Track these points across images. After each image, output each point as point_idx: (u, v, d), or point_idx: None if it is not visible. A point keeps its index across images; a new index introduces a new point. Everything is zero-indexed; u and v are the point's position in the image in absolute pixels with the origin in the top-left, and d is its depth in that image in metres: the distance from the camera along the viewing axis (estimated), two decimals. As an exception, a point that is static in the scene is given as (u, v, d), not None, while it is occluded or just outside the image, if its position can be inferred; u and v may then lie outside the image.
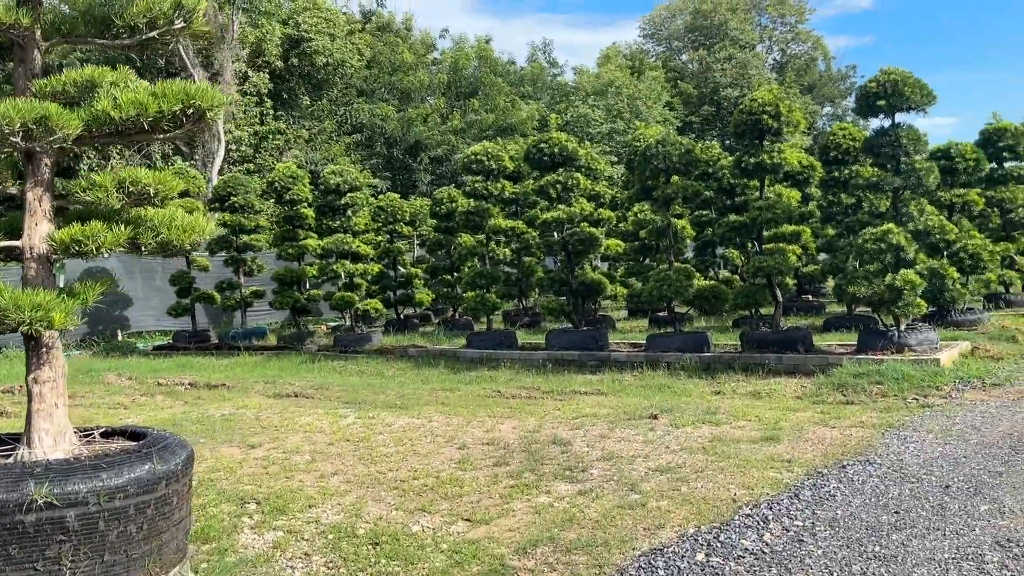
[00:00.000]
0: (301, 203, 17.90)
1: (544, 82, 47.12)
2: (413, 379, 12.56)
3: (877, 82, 10.68)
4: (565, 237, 13.72)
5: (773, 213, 11.49)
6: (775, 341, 11.59)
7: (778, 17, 56.16)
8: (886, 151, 10.70)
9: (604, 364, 12.71)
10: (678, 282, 12.38)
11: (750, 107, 11.72)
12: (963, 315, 12.89)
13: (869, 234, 10.54)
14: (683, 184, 12.27)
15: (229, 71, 26.15)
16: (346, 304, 16.84)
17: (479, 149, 14.82)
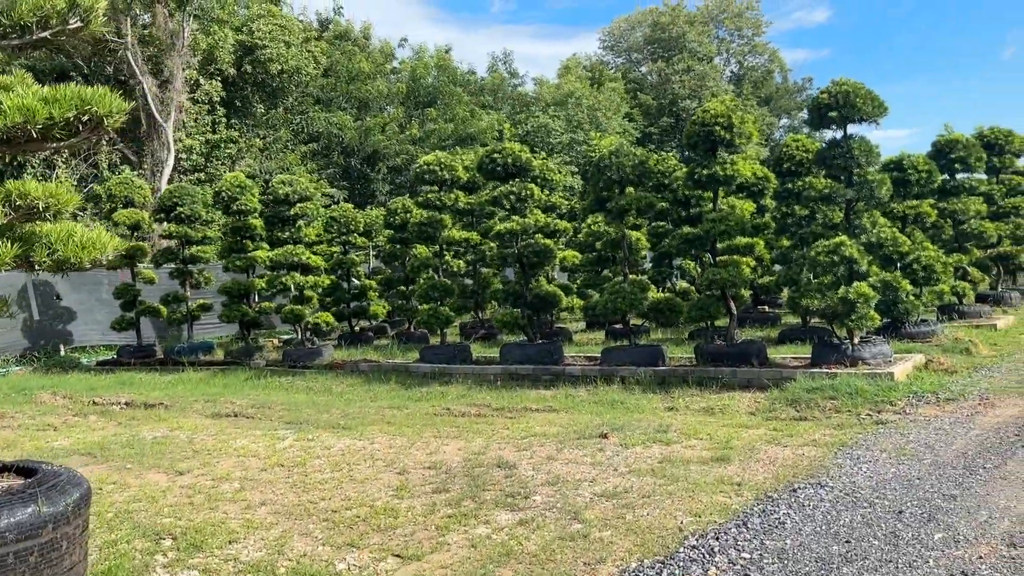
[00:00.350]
0: (250, 213, 17.43)
1: (505, 92, 46.93)
2: (362, 396, 12.17)
3: (829, 93, 10.59)
4: (519, 249, 13.44)
5: (726, 225, 11.33)
6: (729, 355, 11.41)
7: (735, 30, 56.74)
8: (838, 163, 10.60)
9: (558, 379, 12.45)
10: (632, 295, 12.17)
11: (702, 118, 11.57)
12: (917, 327, 12.85)
13: (822, 246, 10.42)
14: (637, 195, 12.07)
15: (180, 78, 25.51)
16: (296, 317, 16.38)
17: (432, 159, 14.50)
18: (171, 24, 25.49)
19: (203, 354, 18.35)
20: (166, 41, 25.66)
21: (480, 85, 46.69)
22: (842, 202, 10.84)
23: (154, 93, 25.28)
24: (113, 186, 19.41)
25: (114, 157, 25.31)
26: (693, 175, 11.70)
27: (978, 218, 15.75)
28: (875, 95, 10.56)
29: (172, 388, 13.91)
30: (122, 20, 24.61)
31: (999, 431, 7.31)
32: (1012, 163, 18.66)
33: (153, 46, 26.32)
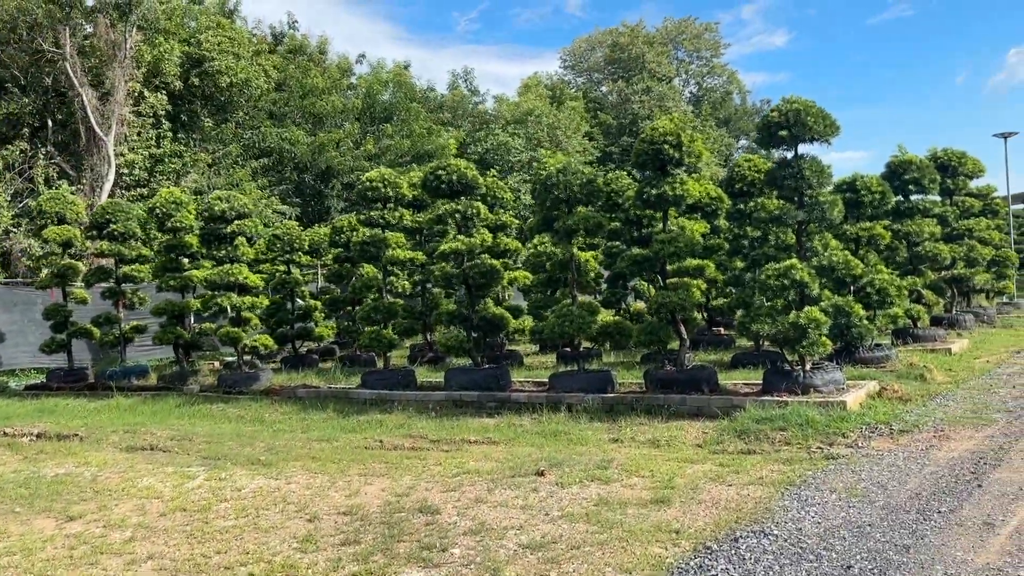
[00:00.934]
0: (185, 231, 16.66)
1: (465, 110, 46.58)
2: (293, 426, 11.49)
3: (779, 112, 10.24)
4: (465, 269, 12.90)
5: (675, 247, 10.91)
6: (679, 381, 10.96)
7: (694, 51, 57.11)
8: (789, 183, 10.24)
9: (504, 406, 11.89)
10: (580, 318, 11.67)
11: (651, 136, 11.16)
12: (871, 352, 12.53)
13: (772, 269, 10.03)
14: (584, 215, 11.61)
15: (122, 91, 24.62)
16: (232, 340, 15.63)
17: (375, 175, 13.92)
18: (113, 34, 24.64)
19: (137, 378, 17.48)
20: (108, 52, 24.81)
21: (440, 102, 46.27)
22: (793, 224, 10.48)
23: (94, 105, 24.38)
24: (44, 202, 18.53)
25: (51, 171, 24.31)
26: (642, 195, 11.28)
27: (932, 240, 15.57)
28: (827, 114, 10.24)
29: (94, 417, 13.10)
30: (60, 30, 23.72)
31: (954, 468, 6.90)
32: (965, 185, 18.62)
33: (95, 57, 25.44)
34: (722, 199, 15.49)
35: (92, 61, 25.59)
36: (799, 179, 10.19)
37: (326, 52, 40.42)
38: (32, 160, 24.34)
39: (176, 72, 27.33)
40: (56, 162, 24.82)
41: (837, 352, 12.60)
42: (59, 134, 25.63)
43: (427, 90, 45.97)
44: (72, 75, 23.91)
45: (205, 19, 29.07)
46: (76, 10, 23.71)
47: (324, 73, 37.62)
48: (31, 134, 25.12)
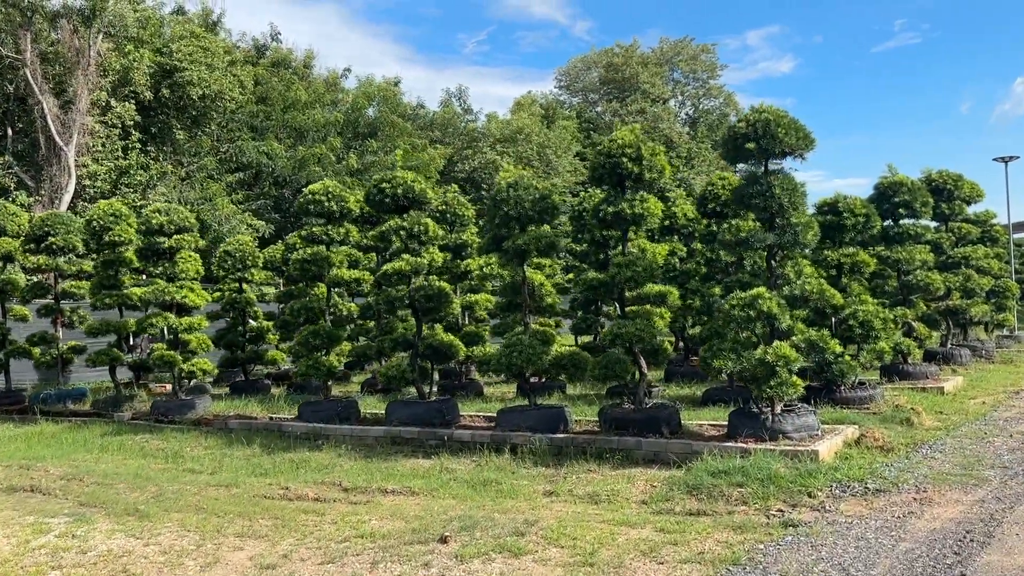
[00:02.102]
0: (124, 245, 15.53)
1: (456, 128, 45.66)
2: (206, 464, 10.33)
3: (747, 122, 9.13)
4: (411, 292, 11.77)
5: (633, 271, 9.77)
6: (636, 422, 9.79)
7: (690, 72, 56.27)
8: (756, 202, 9.10)
9: (444, 445, 10.73)
10: (531, 348, 10.51)
11: (608, 148, 10.05)
12: (853, 391, 11.34)
13: (736, 299, 8.88)
14: (536, 234, 10.47)
15: (84, 99, 23.61)
16: (166, 364, 14.47)
17: (318, 188, 12.81)
18: (77, 41, 23.67)
19: (74, 402, 16.33)
20: (72, 59, 23.83)
21: (430, 120, 45.36)
22: (761, 247, 9.33)
23: (55, 114, 23.37)
24: (-18, 212, 17.43)
25: (7, 181, 23.25)
26: (598, 213, 10.16)
27: (925, 268, 14.41)
28: (800, 125, 9.13)
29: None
30: (20, 35, 22.75)
31: (933, 546, 5.71)
32: (962, 210, 17.47)
33: (59, 64, 24.47)
34: (700, 220, 14.41)
35: (56, 68, 24.62)
36: (768, 198, 9.06)
37: (311, 66, 39.58)
38: (-12, 169, 23.29)
39: (146, 82, 26.37)
40: (14, 172, 23.76)
41: (816, 390, 11.44)
42: (19, 143, 24.60)
43: (417, 107, 45.11)
44: (32, 82, 22.93)
45: (179, 28, 28.10)
46: (38, 15, 22.73)
47: (309, 87, 36.73)
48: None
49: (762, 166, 9.33)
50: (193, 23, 32.45)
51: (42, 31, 23.90)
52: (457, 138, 43.67)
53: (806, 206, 9.58)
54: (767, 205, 9.12)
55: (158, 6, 30.50)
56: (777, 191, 9.02)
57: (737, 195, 9.45)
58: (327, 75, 41.34)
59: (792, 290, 9.17)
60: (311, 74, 39.27)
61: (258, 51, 36.43)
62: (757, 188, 9.15)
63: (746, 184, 9.38)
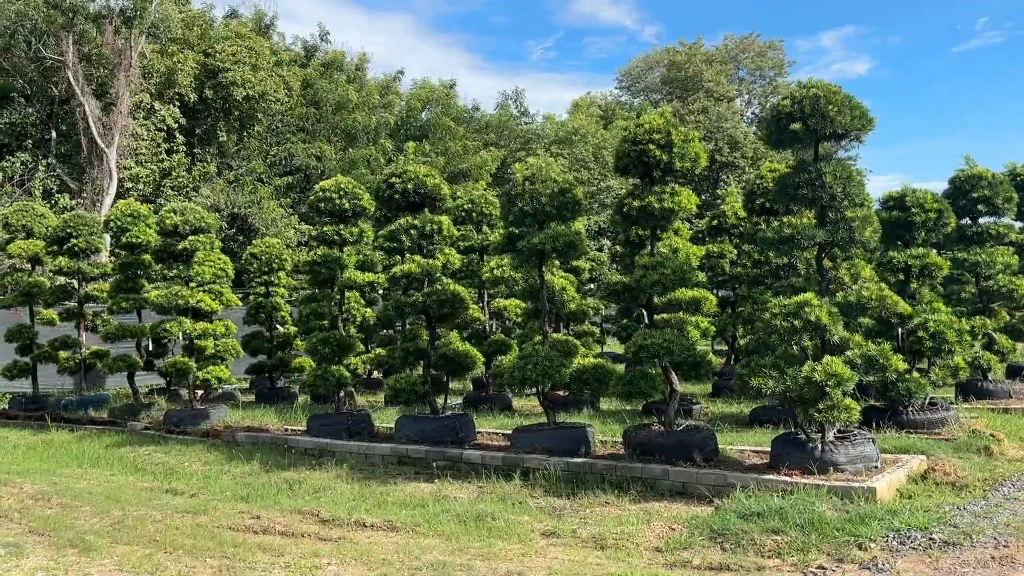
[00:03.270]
0: (142, 248, 14.93)
1: (512, 130, 44.72)
2: (194, 484, 9.50)
3: (792, 99, 7.80)
4: (422, 297, 10.74)
5: (660, 274, 8.53)
6: (664, 446, 8.54)
7: (756, 70, 54.14)
8: (804, 193, 7.77)
9: (452, 467, 9.67)
10: (548, 360, 9.36)
11: (634, 135, 8.84)
12: (923, 412, 9.83)
13: (779, 307, 7.57)
14: (554, 232, 9.31)
15: (126, 101, 23.38)
16: (180, 372, 13.77)
17: (330, 184, 11.90)
18: (119, 42, 23.46)
19: (95, 409, 15.83)
20: (114, 60, 23.63)
21: (486, 122, 44.53)
22: (810, 246, 7.98)
23: (96, 116, 23.17)
24: (10, 214, 17.14)
25: (50, 183, 23.14)
26: (622, 208, 8.96)
27: (1008, 272, 12.71)
28: (856, 102, 7.76)
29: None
30: (63, 36, 22.61)
31: (1020, 632, 4.37)
32: (1052, 208, 15.58)
33: (101, 66, 24.32)
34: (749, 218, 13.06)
35: (99, 71, 24.48)
36: (818, 188, 7.71)
37: (364, 69, 39.09)
38: (33, 172, 23.23)
39: (190, 84, 26.08)
40: (58, 174, 23.67)
41: (878, 411, 9.98)
42: (63, 145, 24.54)
43: (472, 109, 44.30)
44: (74, 83, 22.78)
45: (224, 29, 27.79)
46: (80, 16, 22.56)
47: (361, 89, 36.23)
48: (34, 145, 24.06)
49: (811, 151, 7.99)
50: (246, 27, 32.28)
51: (85, 32, 23.76)
52: (513, 140, 42.72)
53: (865, 198, 8.19)
54: (816, 196, 7.77)
55: (207, 8, 30.31)
56: (828, 179, 7.68)
57: (781, 186, 8.12)
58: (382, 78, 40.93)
59: (847, 296, 7.81)
60: (363, 76, 38.79)
61: (307, 53, 36.05)
62: (805, 176, 7.82)
63: (792, 172, 8.05)
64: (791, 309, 7.53)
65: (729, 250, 14.10)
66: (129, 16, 22.77)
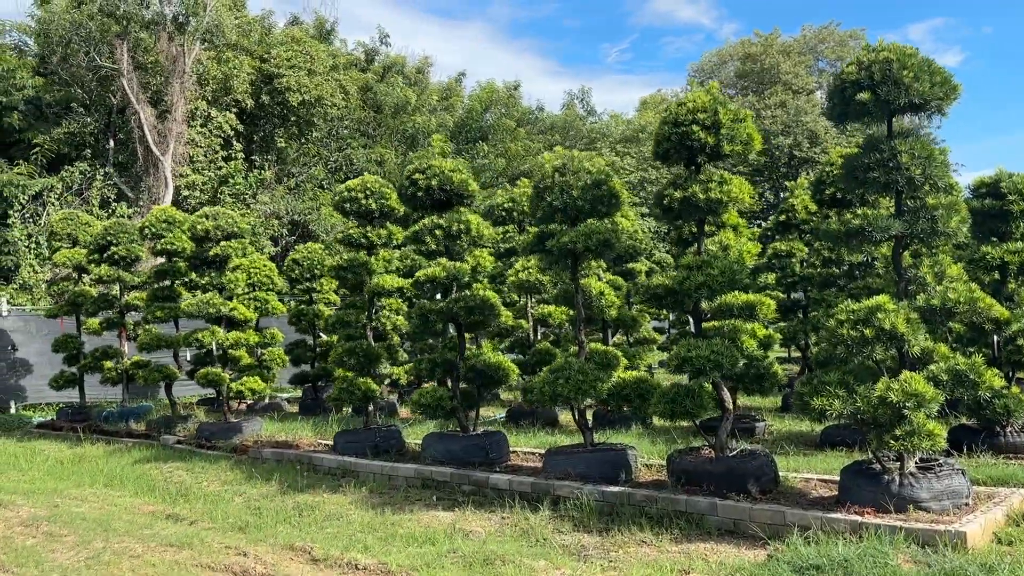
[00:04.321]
0: (177, 254, 14.45)
1: (577, 130, 43.67)
2: (200, 509, 8.80)
3: (859, 65, 6.56)
4: (448, 303, 9.81)
5: (707, 275, 7.37)
6: (713, 475, 7.38)
7: (837, 60, 51.52)
8: (875, 176, 6.50)
9: (478, 492, 8.72)
10: (582, 374, 8.30)
11: (676, 115, 7.70)
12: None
13: (845, 312, 6.34)
14: (587, 230, 8.22)
15: (180, 108, 23.27)
16: (212, 383, 13.19)
17: (356, 184, 11.09)
18: (173, 49, 23.36)
19: (136, 421, 15.44)
20: (168, 67, 23.55)
21: (550, 123, 43.58)
22: (883, 240, 6.70)
23: (151, 123, 23.10)
24: (55, 222, 16.99)
25: (107, 192, 23.17)
26: (662, 199, 7.83)
27: None
28: (937, 66, 6.47)
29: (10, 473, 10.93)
30: (117, 44, 22.61)
31: None
32: None
33: (157, 74, 24.29)
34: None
35: (155, 79, 24.45)
36: (891, 170, 6.45)
37: (425, 72, 38.59)
38: (91, 181, 23.31)
39: (246, 90, 25.88)
40: (115, 183, 23.71)
41: (970, 432, 8.58)
42: (120, 154, 24.61)
43: (536, 110, 43.41)
44: (129, 91, 22.76)
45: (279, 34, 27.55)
46: (134, 23, 22.52)
47: (422, 93, 35.72)
48: (93, 154, 24.18)
49: (883, 125, 6.71)
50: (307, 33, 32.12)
51: (140, 40, 23.77)
52: (578, 141, 41.63)
53: (952, 183, 6.87)
54: (890, 180, 6.50)
55: (266, 15, 30.20)
56: (904, 159, 6.40)
57: (848, 169, 6.87)
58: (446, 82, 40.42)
59: (930, 299, 6.51)
60: (425, 80, 38.30)
61: (368, 57, 35.71)
62: (876, 157, 6.56)
63: (861, 152, 6.79)
64: (861, 315, 6.30)
65: (799, 248, 12.75)
66: (181, 22, 22.61)
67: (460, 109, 35.03)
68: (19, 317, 19.33)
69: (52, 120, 23.74)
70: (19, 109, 23.13)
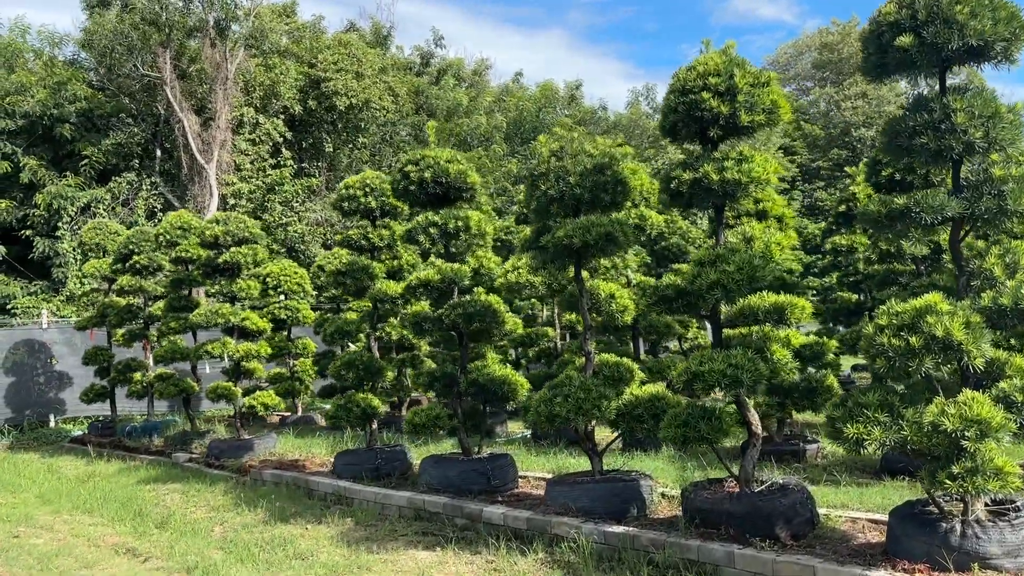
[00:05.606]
0: (193, 262, 13.79)
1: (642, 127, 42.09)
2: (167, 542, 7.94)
3: (899, 4, 5.18)
4: (445, 311, 8.72)
5: (720, 273, 6.07)
6: (734, 516, 6.08)
7: (922, 45, 48.43)
8: (923, 143, 5.12)
9: (469, 528, 7.62)
10: (584, 391, 7.09)
11: (683, 81, 6.43)
12: None
13: (886, 316, 4.98)
14: (585, 223, 7.01)
15: (224, 115, 22.92)
16: (223, 397, 12.44)
17: (355, 181, 10.14)
18: (216, 56, 23.05)
19: (158, 436, 14.90)
20: (212, 74, 23.25)
21: (613, 121, 42.12)
22: (935, 223, 5.28)
23: (196, 131, 22.82)
24: (85, 233, 16.65)
25: (153, 202, 22.99)
26: (669, 183, 6.56)
27: None
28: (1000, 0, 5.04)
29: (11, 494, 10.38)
30: (159, 52, 22.41)
31: None
32: None
33: (201, 81, 24.05)
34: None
35: (202, 87, 24.22)
36: (944, 134, 5.05)
37: (483, 74, 37.73)
38: (138, 191, 23.18)
39: (294, 95, 25.44)
40: (161, 192, 23.53)
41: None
42: (167, 163, 24.45)
43: (599, 109, 42.03)
44: (172, 99, 22.51)
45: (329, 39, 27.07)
46: (176, 31, 22.28)
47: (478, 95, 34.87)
48: (140, 164, 24.09)
49: (934, 78, 5.31)
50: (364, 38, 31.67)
51: (185, 48, 23.55)
52: (643, 139, 40.07)
53: None
54: (943, 147, 5.10)
55: (316, 20, 29.83)
56: (960, 119, 5.00)
57: (890, 134, 5.47)
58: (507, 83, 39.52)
59: (998, 297, 5.07)
60: (483, 81, 37.44)
61: (423, 60, 35.05)
62: (924, 118, 5.17)
63: (906, 113, 5.40)
64: (906, 319, 4.92)
65: (862, 242, 11.22)
66: (223, 27, 22.26)
67: (515, 110, 33.98)
68: (59, 330, 19.15)
69: (102, 131, 23.72)
70: (71, 121, 23.16)
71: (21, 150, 22.45)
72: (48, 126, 22.69)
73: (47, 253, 22.25)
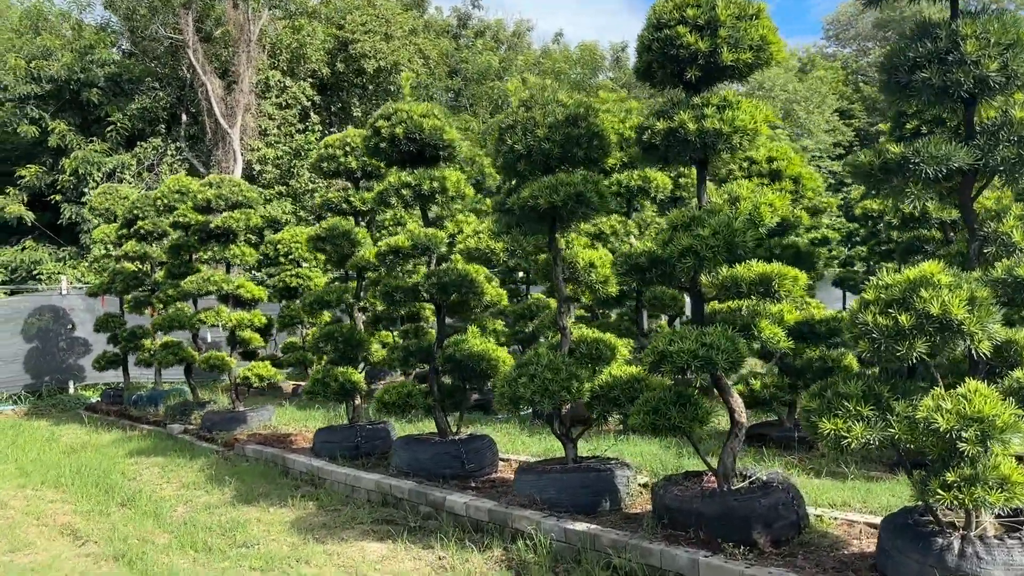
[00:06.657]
0: (191, 228, 13.32)
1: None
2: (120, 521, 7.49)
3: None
4: (422, 279, 8.02)
5: (696, 238, 5.21)
6: (705, 516, 5.28)
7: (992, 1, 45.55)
8: (925, 77, 4.18)
9: (433, 516, 6.98)
10: (552, 371, 6.34)
11: (659, 14, 5.53)
12: None
13: (874, 289, 4.10)
14: (554, 183, 6.19)
15: (247, 78, 22.43)
16: (216, 368, 12.01)
17: (333, 140, 9.45)
18: (239, 17, 22.53)
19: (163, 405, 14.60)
20: (235, 36, 22.76)
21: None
22: (939, 177, 4.33)
23: (219, 95, 22.40)
24: (95, 198, 16.36)
25: (177, 167, 22.72)
26: (641, 136, 5.70)
27: None
28: None
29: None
30: (182, 14, 21.98)
31: None
32: None
33: (228, 46, 23.59)
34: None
35: (226, 51, 23.77)
36: (952, 64, 4.11)
37: (522, 36, 36.61)
38: (163, 156, 22.94)
39: (322, 58, 24.84)
40: (186, 157, 23.24)
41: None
42: (192, 127, 24.14)
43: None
44: (195, 62, 22.11)
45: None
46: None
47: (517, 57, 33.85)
48: (166, 129, 23.82)
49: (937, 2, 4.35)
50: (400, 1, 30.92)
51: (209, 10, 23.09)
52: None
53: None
54: (949, 83, 4.16)
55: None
56: (970, 48, 4.05)
57: (888, 68, 4.53)
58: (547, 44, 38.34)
59: (1013, 267, 4.14)
60: (522, 43, 36.33)
61: (460, 22, 34.11)
62: (927, 47, 4.23)
63: (906, 44, 4.45)
64: (895, 293, 4.04)
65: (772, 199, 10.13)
66: (245, -14, 21.74)
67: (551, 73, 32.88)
68: (80, 296, 19.04)
69: (129, 96, 23.48)
70: (98, 85, 22.93)
71: (49, 115, 22.33)
72: (75, 91, 22.52)
73: (75, 219, 22.19)
